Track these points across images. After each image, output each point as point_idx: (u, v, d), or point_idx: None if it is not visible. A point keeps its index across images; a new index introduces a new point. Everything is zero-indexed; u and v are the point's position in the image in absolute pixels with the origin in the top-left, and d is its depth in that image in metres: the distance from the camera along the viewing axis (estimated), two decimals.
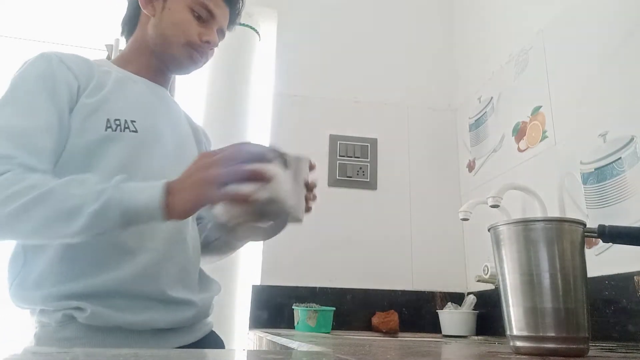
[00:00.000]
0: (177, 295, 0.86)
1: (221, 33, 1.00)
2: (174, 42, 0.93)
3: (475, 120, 1.92)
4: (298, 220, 0.81)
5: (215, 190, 0.68)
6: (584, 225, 0.65)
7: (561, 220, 0.66)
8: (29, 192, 0.68)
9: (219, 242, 1.01)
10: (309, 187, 0.85)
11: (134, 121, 0.85)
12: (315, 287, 1.77)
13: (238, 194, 0.68)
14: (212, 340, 0.98)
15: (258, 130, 2.12)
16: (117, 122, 0.83)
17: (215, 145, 1.00)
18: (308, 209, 0.85)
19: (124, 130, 0.83)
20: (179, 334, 0.87)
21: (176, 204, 0.69)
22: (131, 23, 0.98)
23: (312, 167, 0.83)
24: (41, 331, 0.78)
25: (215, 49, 1.01)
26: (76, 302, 0.76)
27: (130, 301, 0.80)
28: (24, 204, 0.68)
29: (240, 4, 1.02)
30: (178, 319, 0.86)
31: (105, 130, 0.82)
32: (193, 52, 0.95)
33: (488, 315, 1.65)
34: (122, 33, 1.01)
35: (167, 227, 0.85)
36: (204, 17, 0.94)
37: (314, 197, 0.86)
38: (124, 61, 0.96)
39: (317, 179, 0.86)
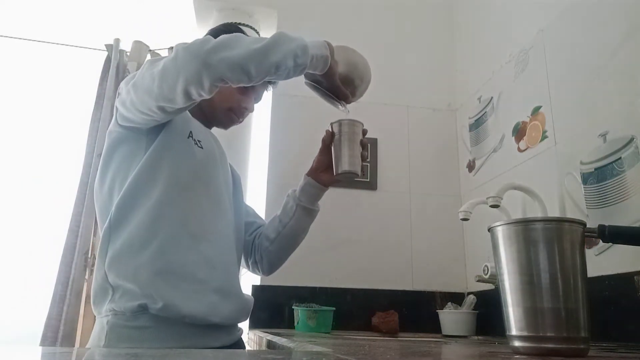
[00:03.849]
0: (235, 288, 1.03)
1: (257, 97, 1.19)
2: (219, 107, 1.13)
3: (475, 120, 1.92)
4: (356, 174, 1.08)
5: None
6: (584, 225, 0.65)
7: (561, 220, 0.66)
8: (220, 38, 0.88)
9: (289, 227, 1.18)
10: (363, 146, 1.11)
11: (200, 141, 1.07)
12: (315, 287, 1.77)
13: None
14: (242, 345, 1.12)
15: (258, 130, 2.12)
16: (193, 137, 1.05)
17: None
18: (363, 166, 1.10)
19: (196, 144, 1.05)
20: (224, 332, 1.01)
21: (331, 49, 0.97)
22: None
23: (364, 132, 1.12)
24: (114, 319, 0.90)
25: None
26: (159, 279, 0.91)
27: (199, 286, 0.95)
28: (223, 40, 0.87)
29: None
30: (231, 312, 1.00)
31: (187, 138, 1.04)
32: (233, 116, 1.15)
33: (488, 315, 1.64)
34: None
35: (217, 223, 1.04)
36: (245, 87, 1.11)
37: (367, 156, 1.11)
38: None
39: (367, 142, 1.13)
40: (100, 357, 0.60)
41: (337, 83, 1.01)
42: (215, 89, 0.89)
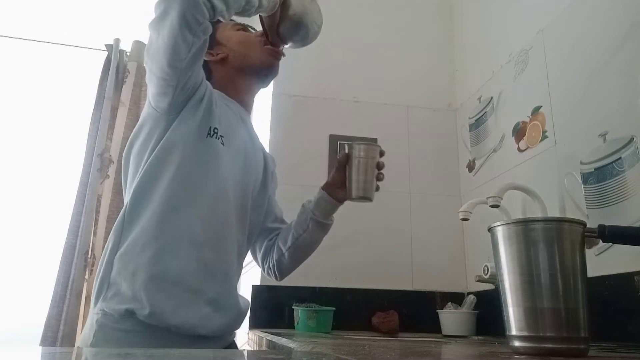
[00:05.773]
0: (230, 300, 1.02)
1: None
2: (254, 51, 1.13)
3: (475, 120, 1.92)
4: (370, 200, 1.09)
5: None
6: (584, 225, 0.65)
7: (561, 220, 0.66)
8: None
9: (302, 239, 1.17)
10: (379, 168, 1.10)
11: (224, 137, 1.03)
12: (315, 287, 1.77)
13: None
14: (235, 348, 1.11)
15: (258, 130, 2.12)
16: (217, 134, 1.02)
17: None
18: (377, 188, 1.11)
19: (218, 139, 1.02)
20: (214, 342, 0.98)
21: None
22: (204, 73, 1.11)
23: (382, 154, 1.11)
24: (103, 318, 0.90)
25: None
26: (152, 285, 0.89)
27: (192, 296, 0.93)
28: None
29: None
30: (222, 325, 0.98)
31: (207, 137, 1.00)
32: (270, 49, 1.13)
33: (488, 315, 1.64)
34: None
35: (226, 230, 1.02)
36: (245, 28, 1.18)
37: (383, 176, 1.11)
38: (219, 86, 1.12)
39: (384, 163, 1.12)
40: (100, 357, 0.60)
41: (273, 30, 1.07)
42: (211, 12, 0.88)
